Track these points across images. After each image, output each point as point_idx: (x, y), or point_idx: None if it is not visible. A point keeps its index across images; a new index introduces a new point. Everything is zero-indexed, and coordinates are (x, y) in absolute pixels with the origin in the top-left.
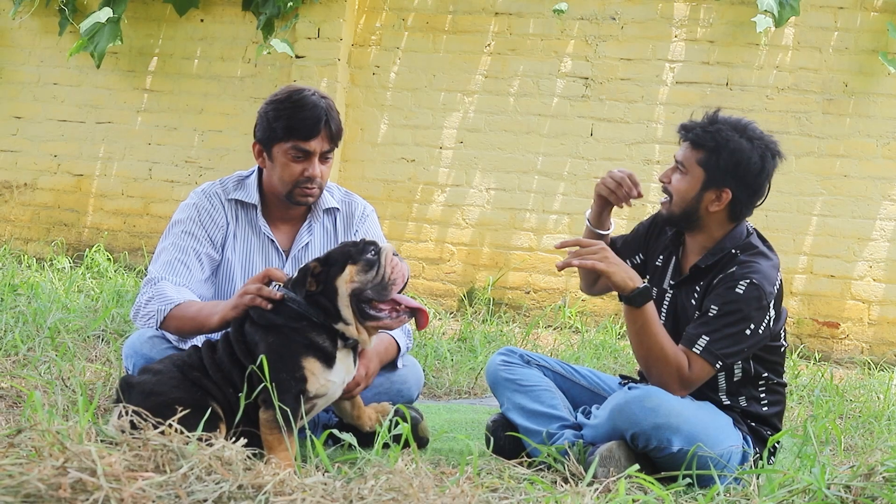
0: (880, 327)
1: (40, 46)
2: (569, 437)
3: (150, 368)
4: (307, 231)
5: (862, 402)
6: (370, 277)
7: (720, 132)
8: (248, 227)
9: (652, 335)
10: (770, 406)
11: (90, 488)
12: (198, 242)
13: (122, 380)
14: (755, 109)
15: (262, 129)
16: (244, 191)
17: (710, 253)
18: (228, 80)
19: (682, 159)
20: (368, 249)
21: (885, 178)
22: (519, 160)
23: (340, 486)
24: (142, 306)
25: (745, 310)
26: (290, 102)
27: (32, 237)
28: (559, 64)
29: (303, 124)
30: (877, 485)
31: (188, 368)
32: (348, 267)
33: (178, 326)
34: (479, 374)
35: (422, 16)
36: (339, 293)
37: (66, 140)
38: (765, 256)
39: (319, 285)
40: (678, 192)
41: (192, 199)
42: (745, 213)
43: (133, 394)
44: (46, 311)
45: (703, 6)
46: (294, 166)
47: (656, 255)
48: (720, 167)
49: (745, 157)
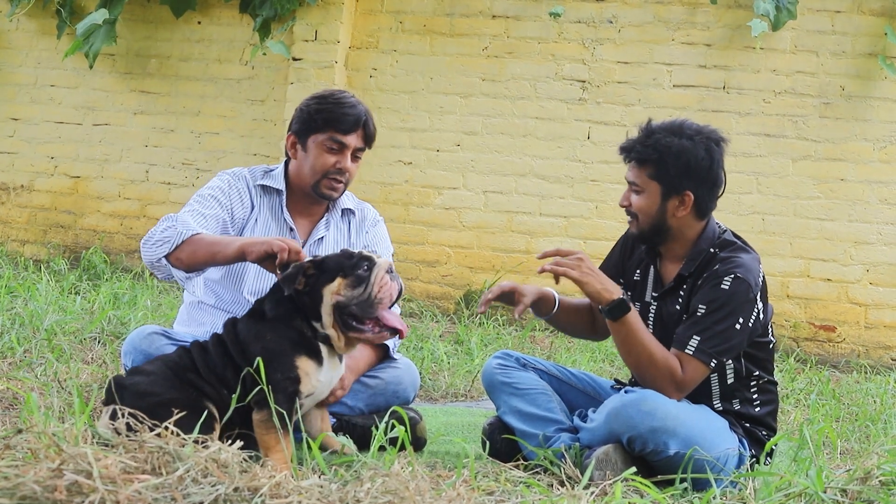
0: (877, 331)
1: (37, 48)
2: (565, 441)
3: (141, 370)
4: (325, 226)
5: (858, 406)
6: (356, 294)
7: (659, 142)
8: (270, 213)
9: (637, 344)
10: (763, 406)
11: (86, 490)
12: (221, 208)
13: (114, 380)
14: (752, 113)
15: (300, 121)
16: (271, 179)
17: (689, 259)
18: (225, 83)
19: (633, 179)
20: (362, 265)
21: (882, 181)
22: (516, 163)
23: (336, 489)
24: (157, 232)
25: (732, 305)
26: (334, 99)
27: (29, 239)
28: (556, 67)
29: (344, 118)
30: (873, 488)
31: (181, 369)
32: (338, 279)
33: (192, 252)
34: (475, 377)
35: (419, 19)
36: (324, 301)
37: (62, 142)
38: (745, 251)
39: (307, 286)
40: (641, 211)
41: (221, 177)
42: (711, 207)
43: (126, 395)
44: (43, 313)
45: (701, 10)
46: (328, 157)
47: (633, 271)
48: (672, 174)
49: (692, 155)
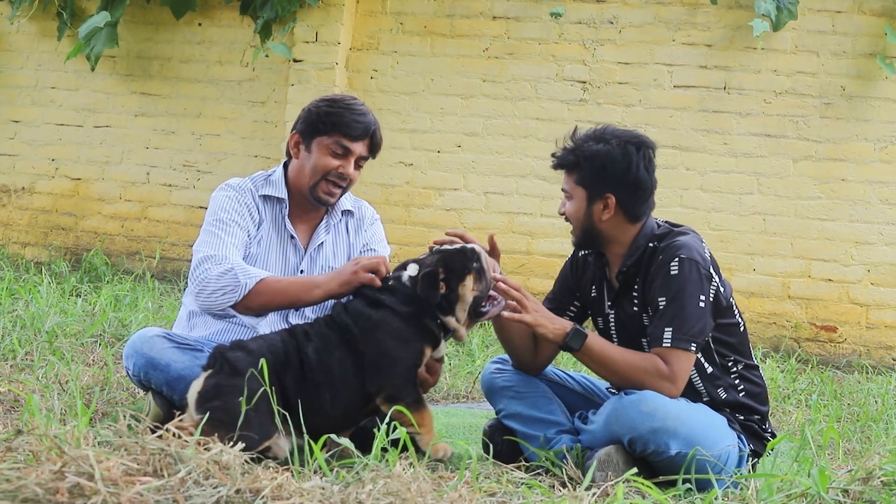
0: (878, 331)
1: (38, 50)
2: (566, 442)
3: (245, 345)
4: (324, 230)
5: (860, 406)
6: (482, 285)
7: (578, 148)
8: (272, 224)
9: (610, 361)
10: (748, 391)
11: (88, 493)
12: (241, 230)
13: (218, 349)
14: (753, 113)
15: (306, 122)
16: (272, 187)
17: (627, 255)
18: (226, 84)
19: (565, 187)
20: (474, 257)
21: (883, 181)
22: (516, 164)
23: (338, 491)
24: (213, 279)
25: (689, 286)
26: (345, 104)
27: (30, 241)
28: (557, 68)
29: (353, 124)
30: (875, 489)
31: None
32: (469, 276)
33: (267, 301)
34: (476, 379)
35: (420, 20)
36: (464, 299)
37: (63, 144)
38: (681, 234)
39: (447, 290)
40: (572, 216)
41: (226, 191)
42: (641, 210)
43: (226, 367)
44: (44, 315)
45: (701, 10)
46: (331, 160)
47: (589, 288)
48: (591, 178)
49: (608, 159)
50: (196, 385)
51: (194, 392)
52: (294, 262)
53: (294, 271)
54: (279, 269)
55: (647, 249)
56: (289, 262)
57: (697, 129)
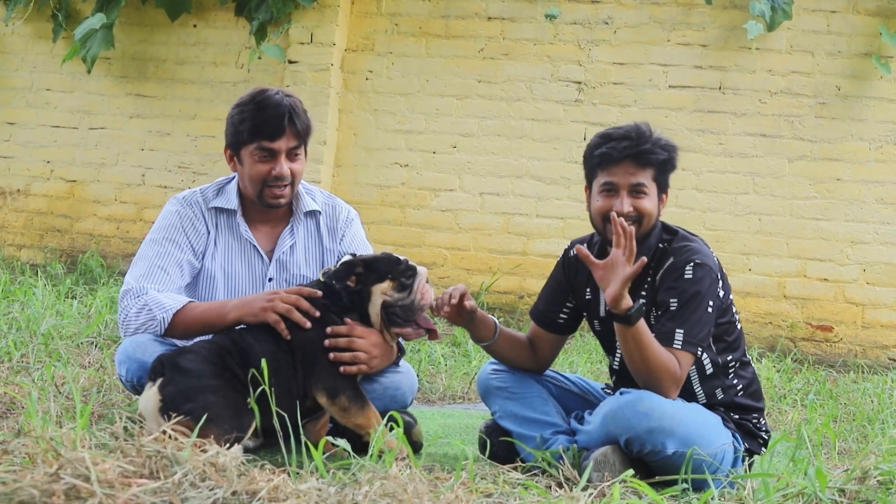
0: (874, 330)
1: (33, 52)
2: (563, 443)
3: (189, 349)
4: (290, 234)
5: (856, 406)
6: (401, 297)
7: (667, 144)
8: (230, 233)
9: (650, 349)
10: (744, 389)
11: (84, 495)
12: (179, 249)
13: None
14: (748, 113)
15: (230, 134)
16: (224, 197)
17: (639, 254)
18: (221, 86)
19: (640, 181)
20: (408, 273)
21: (878, 181)
22: (512, 164)
23: (335, 492)
24: (132, 318)
25: (701, 291)
26: (254, 104)
27: (26, 243)
28: (552, 68)
29: (266, 124)
30: (871, 488)
31: (223, 353)
32: (388, 280)
33: (186, 329)
34: (472, 379)
35: (415, 21)
36: (372, 299)
37: (59, 146)
38: (690, 239)
39: (359, 284)
40: (649, 213)
41: (172, 206)
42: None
43: (175, 374)
44: (40, 317)
45: (696, 10)
46: (261, 167)
47: (583, 290)
48: (665, 175)
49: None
50: (150, 397)
51: (151, 405)
52: (260, 270)
53: (262, 280)
54: (248, 279)
55: (657, 250)
56: (255, 272)
57: (693, 129)
